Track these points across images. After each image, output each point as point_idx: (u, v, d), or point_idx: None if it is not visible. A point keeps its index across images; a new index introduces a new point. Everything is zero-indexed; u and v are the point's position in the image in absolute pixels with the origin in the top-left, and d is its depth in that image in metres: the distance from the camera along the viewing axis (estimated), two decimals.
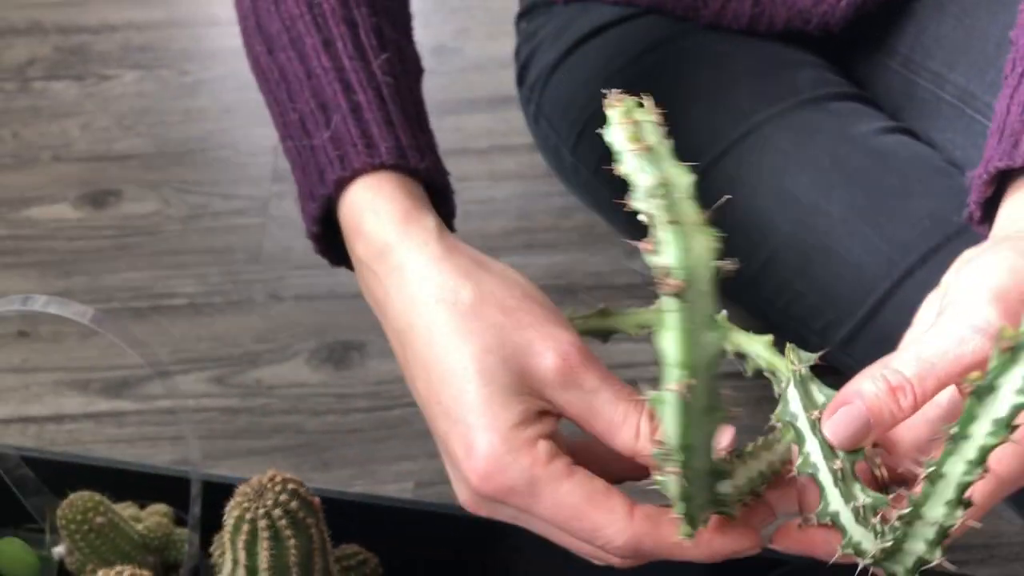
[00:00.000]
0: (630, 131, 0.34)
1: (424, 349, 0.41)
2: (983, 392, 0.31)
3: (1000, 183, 0.49)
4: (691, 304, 0.31)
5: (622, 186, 0.90)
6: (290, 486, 0.42)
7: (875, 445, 0.40)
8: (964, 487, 0.32)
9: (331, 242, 0.49)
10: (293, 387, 0.80)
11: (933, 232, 0.63)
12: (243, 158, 1.05)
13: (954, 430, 0.32)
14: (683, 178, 0.33)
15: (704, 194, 0.80)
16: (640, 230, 0.91)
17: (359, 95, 0.47)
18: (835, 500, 0.37)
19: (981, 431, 0.31)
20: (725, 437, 0.39)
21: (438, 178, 0.48)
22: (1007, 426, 0.31)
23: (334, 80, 0.47)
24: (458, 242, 0.44)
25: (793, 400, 0.40)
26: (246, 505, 0.41)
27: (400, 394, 0.79)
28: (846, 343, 0.68)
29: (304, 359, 0.83)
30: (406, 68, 0.52)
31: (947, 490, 0.33)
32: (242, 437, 0.77)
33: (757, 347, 0.48)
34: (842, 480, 0.37)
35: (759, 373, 0.48)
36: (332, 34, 0.49)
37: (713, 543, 0.38)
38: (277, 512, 0.41)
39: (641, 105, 0.35)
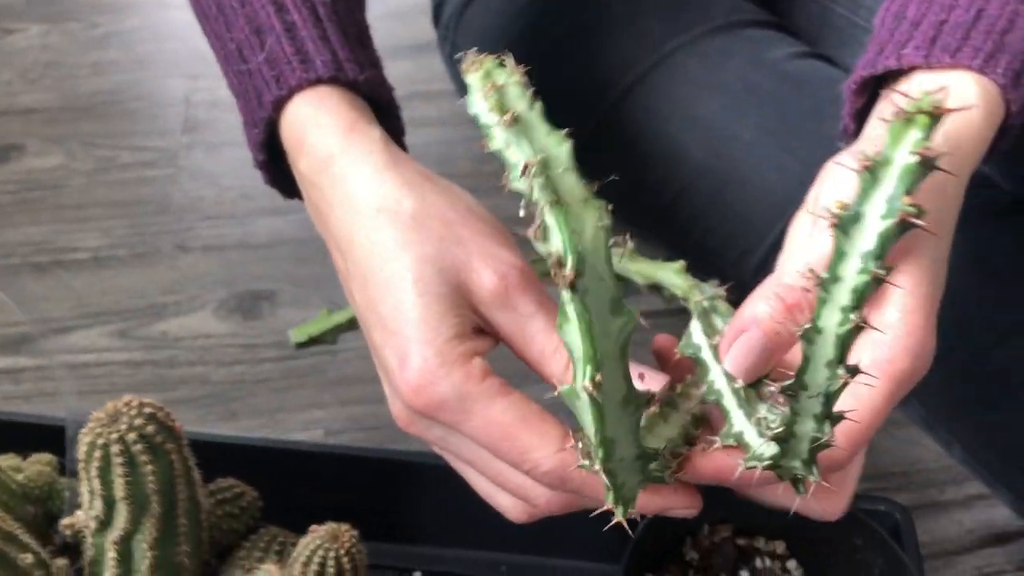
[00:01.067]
0: (493, 99, 0.29)
1: (363, 259, 0.39)
2: (848, 223, 0.28)
3: (872, 94, 0.48)
4: (590, 291, 0.28)
5: None
6: (147, 410, 0.39)
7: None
8: (843, 341, 0.29)
9: (281, 172, 0.47)
10: (200, 338, 0.77)
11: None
12: (154, 109, 1.01)
13: (824, 275, 0.29)
14: (560, 148, 0.29)
15: (616, 123, 0.78)
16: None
17: (292, 15, 0.45)
18: (739, 420, 0.35)
19: (852, 270, 0.28)
20: (656, 383, 0.38)
21: (382, 93, 0.46)
22: (877, 258, 0.28)
23: (267, 4, 0.45)
24: (404, 154, 0.42)
25: (696, 331, 0.39)
26: (99, 431, 0.38)
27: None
28: (759, 270, 0.67)
29: (212, 310, 0.79)
30: None
31: (826, 348, 0.29)
32: (146, 390, 0.73)
33: (669, 275, 0.46)
34: (745, 401, 0.35)
35: (674, 299, 0.46)
36: None
37: (647, 504, 0.36)
38: (132, 436, 0.38)
39: (503, 65, 0.31)
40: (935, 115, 0.28)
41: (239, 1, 0.47)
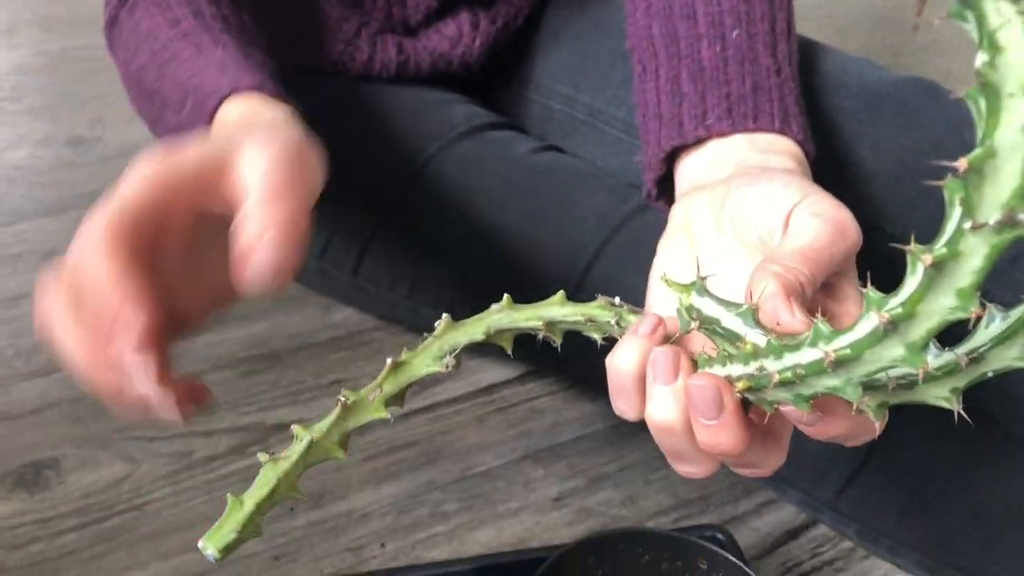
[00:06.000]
0: None
1: None
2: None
3: (668, 161, 0.57)
4: None
5: (308, 243, 0.88)
6: None
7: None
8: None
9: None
10: None
11: (600, 228, 0.70)
12: None
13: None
14: None
15: (390, 233, 0.82)
16: (326, 281, 0.93)
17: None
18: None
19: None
20: None
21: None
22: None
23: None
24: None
25: (706, 307, 0.40)
26: None
27: (113, 502, 0.73)
28: (546, 347, 0.73)
29: None
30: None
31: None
32: None
33: (555, 309, 0.46)
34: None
35: (568, 335, 0.47)
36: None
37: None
38: None
39: None
40: None
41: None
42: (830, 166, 0.64)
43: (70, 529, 0.71)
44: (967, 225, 0.28)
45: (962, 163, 0.27)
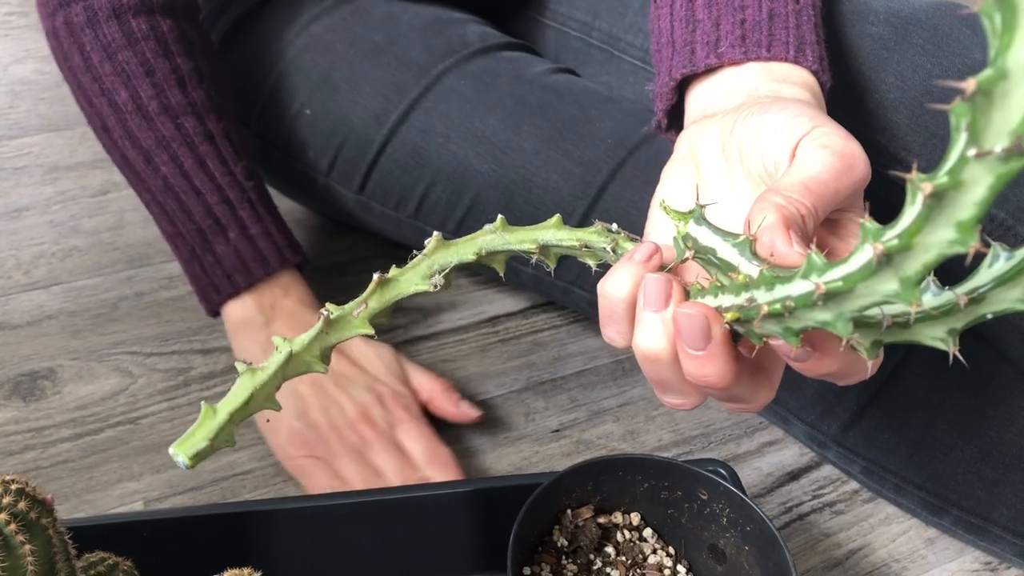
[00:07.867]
0: None
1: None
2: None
3: (679, 91, 0.54)
4: None
5: (314, 160, 0.88)
6: (15, 486, 0.36)
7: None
8: None
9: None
10: None
11: (617, 149, 0.68)
12: None
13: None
14: None
15: (398, 148, 0.80)
16: (332, 199, 0.91)
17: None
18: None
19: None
20: None
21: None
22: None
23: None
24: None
25: (703, 236, 0.39)
26: None
27: (108, 414, 0.72)
28: (557, 270, 0.72)
29: None
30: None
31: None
32: None
33: (551, 233, 0.44)
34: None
35: (561, 259, 0.45)
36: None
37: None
38: (2, 517, 0.35)
39: None
40: None
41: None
42: (854, 93, 0.62)
43: (64, 439, 0.70)
44: (971, 152, 0.25)
45: (970, 83, 0.24)
